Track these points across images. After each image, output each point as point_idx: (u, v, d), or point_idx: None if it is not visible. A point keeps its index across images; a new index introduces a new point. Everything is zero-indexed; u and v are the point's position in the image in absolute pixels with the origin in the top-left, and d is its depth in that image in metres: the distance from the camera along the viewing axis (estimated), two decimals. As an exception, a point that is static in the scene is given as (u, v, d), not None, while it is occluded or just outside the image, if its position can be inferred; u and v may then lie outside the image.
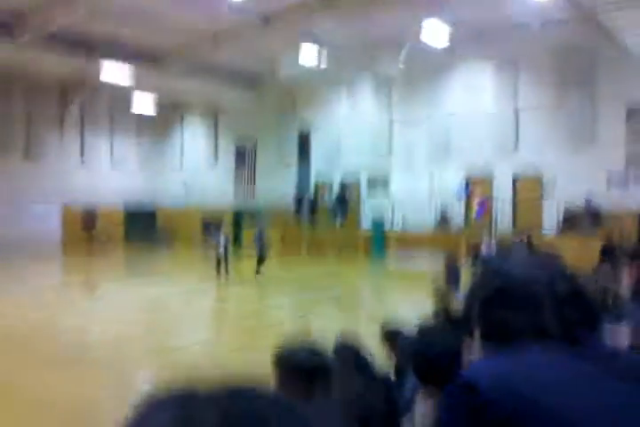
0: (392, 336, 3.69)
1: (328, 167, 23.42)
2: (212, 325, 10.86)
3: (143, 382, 6.81)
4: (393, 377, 3.09)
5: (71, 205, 24.58)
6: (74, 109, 24.77)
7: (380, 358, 3.37)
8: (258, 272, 15.63)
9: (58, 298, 12.84)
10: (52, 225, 24.17)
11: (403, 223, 20.66)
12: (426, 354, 2.01)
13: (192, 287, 14.25)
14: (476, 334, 1.30)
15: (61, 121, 24.83)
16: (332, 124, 23.27)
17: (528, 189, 18.99)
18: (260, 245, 16.08)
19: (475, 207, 18.99)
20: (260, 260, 15.83)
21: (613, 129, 17.22)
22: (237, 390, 0.54)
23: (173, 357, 7.83)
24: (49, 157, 24.48)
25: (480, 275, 1.40)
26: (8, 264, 19.01)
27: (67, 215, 24.58)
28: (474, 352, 1.30)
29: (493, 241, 14.88)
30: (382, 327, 3.84)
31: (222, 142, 27.13)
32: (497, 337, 1.23)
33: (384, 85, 21.53)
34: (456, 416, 1.13)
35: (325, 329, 9.80)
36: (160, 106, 26.33)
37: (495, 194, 19.39)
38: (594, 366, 1.14)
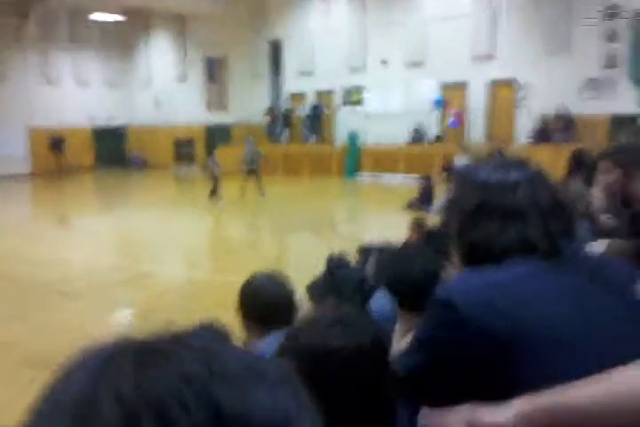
0: (366, 252, 3.70)
1: (302, 78, 22.74)
2: (189, 250, 10.84)
3: (118, 309, 6.88)
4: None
5: (37, 128, 23.78)
6: (32, 24, 23.28)
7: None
8: (262, 194, 15.27)
9: (33, 230, 12.70)
10: (19, 149, 23.44)
11: (377, 137, 20.48)
12: (406, 276, 1.93)
13: (168, 213, 14.14)
14: (455, 253, 1.24)
15: (20, 38, 23.42)
16: (304, 31, 22.26)
17: (503, 97, 18.78)
18: (257, 164, 15.70)
19: (450, 117, 18.82)
20: (259, 178, 15.51)
21: (588, 32, 16.79)
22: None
23: (151, 281, 7.90)
24: (10, 78, 23.32)
25: (456, 188, 1.31)
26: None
27: (33, 138, 23.82)
28: (453, 273, 1.25)
29: (467, 153, 14.86)
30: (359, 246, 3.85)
31: (191, 55, 25.94)
32: (480, 255, 1.15)
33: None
34: (434, 334, 1.11)
35: (301, 252, 9.97)
36: (123, 16, 24.89)
37: (470, 103, 19.16)
38: (578, 278, 1.11)
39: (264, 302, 2.15)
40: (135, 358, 0.44)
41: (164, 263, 9.18)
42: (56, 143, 24.13)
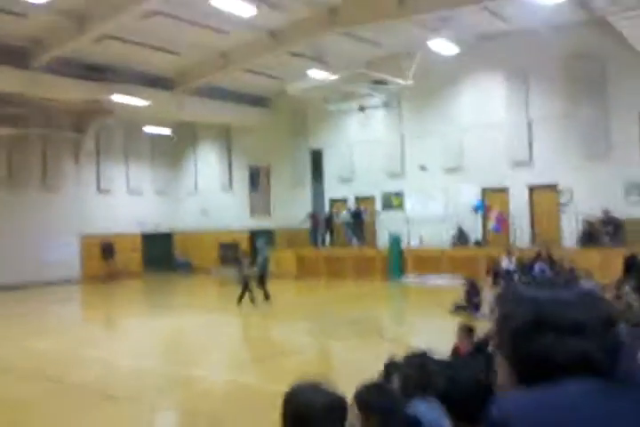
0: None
1: (342, 184, 23.39)
2: (234, 353, 10.72)
3: (161, 413, 6.72)
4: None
5: (89, 235, 24.74)
6: (89, 137, 25.08)
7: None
8: (267, 298, 14.96)
9: (82, 332, 12.84)
10: (72, 255, 24.30)
11: (420, 240, 20.53)
12: (460, 385, 1.88)
13: (213, 316, 14.15)
14: (505, 370, 1.20)
15: (77, 150, 25.15)
16: (344, 140, 23.27)
17: (545, 202, 18.76)
18: (262, 268, 15.33)
19: (492, 221, 18.80)
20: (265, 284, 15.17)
21: (627, 136, 17.01)
22: None
23: (197, 387, 7.74)
24: (66, 188, 24.76)
25: (504, 304, 1.30)
26: (30, 298, 19.11)
27: (85, 245, 24.73)
28: (505, 388, 1.21)
29: (513, 257, 14.69)
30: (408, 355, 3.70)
31: (236, 164, 27.27)
32: (535, 371, 1.12)
33: (394, 100, 21.54)
34: None
35: (346, 357, 9.71)
36: (173, 129, 26.63)
37: (511, 207, 19.18)
38: (634, 402, 1.06)
39: (302, 413, 1.99)
40: None
41: (208, 367, 9.03)
42: (107, 249, 24.95)
